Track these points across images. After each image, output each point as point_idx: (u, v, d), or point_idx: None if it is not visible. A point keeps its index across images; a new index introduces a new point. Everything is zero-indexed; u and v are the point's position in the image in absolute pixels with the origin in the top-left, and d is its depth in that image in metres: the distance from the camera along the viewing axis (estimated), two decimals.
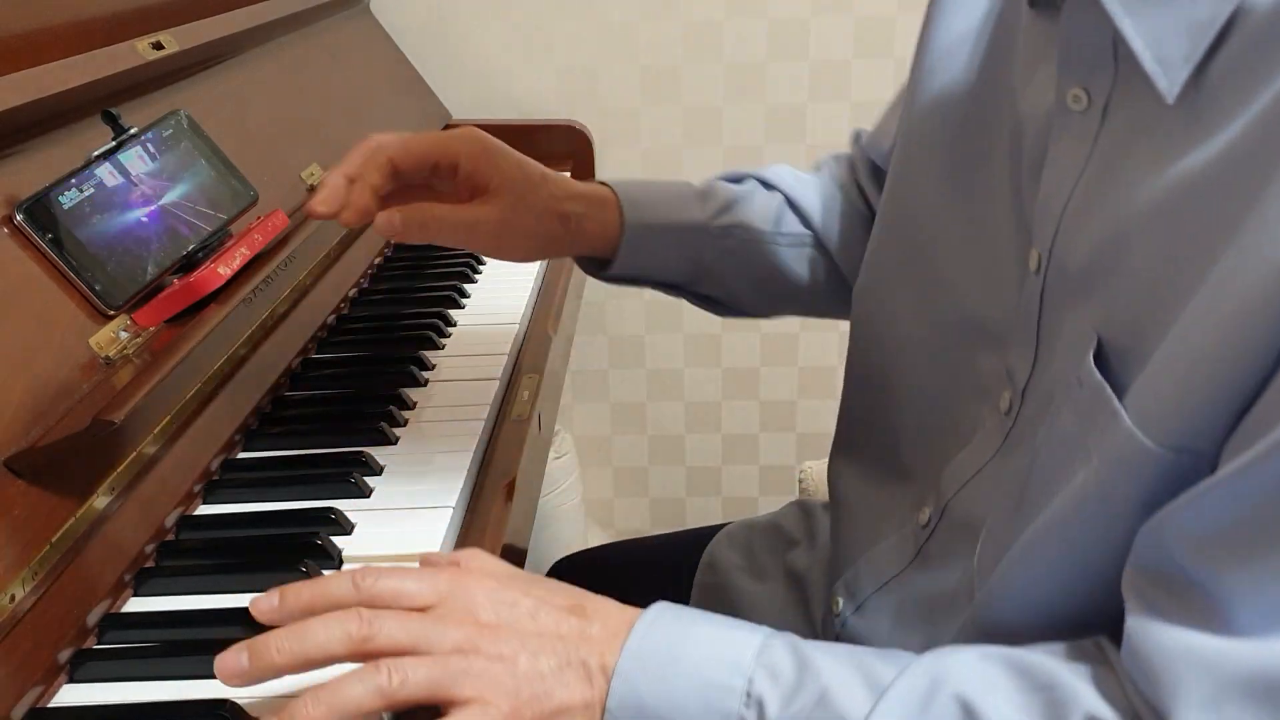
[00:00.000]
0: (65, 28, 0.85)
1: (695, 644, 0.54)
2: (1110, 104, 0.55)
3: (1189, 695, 0.45)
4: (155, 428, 0.72)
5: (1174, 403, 0.48)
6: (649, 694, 0.53)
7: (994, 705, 0.50)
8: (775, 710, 0.52)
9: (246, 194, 0.93)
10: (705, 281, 0.87)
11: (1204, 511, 0.46)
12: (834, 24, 1.61)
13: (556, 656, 0.53)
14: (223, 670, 0.52)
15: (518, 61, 1.64)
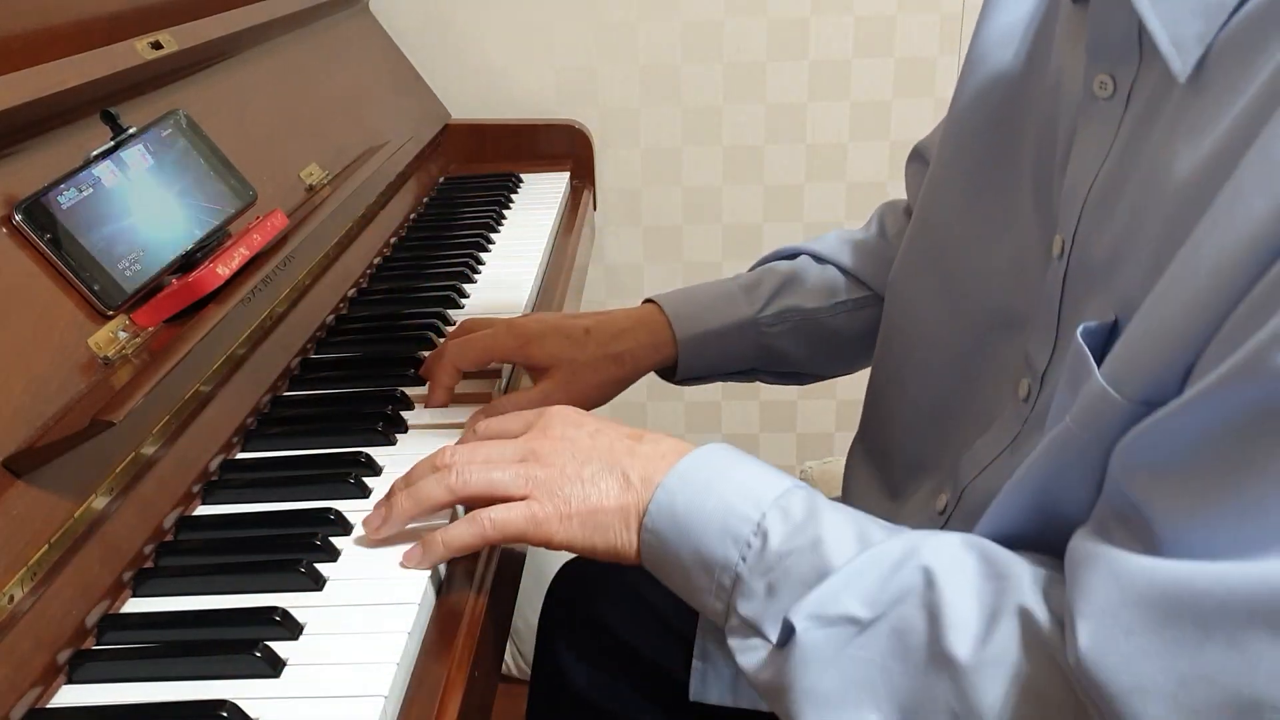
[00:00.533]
0: (65, 27, 0.85)
1: (733, 476, 0.63)
2: (1134, 90, 0.57)
3: (1093, 595, 0.49)
4: (154, 428, 0.72)
5: (1143, 360, 0.50)
6: (683, 507, 0.62)
7: (952, 581, 0.55)
8: (776, 543, 0.59)
9: (245, 194, 0.93)
10: (775, 362, 0.95)
11: (1143, 445, 0.49)
12: (834, 24, 1.61)
13: (601, 465, 0.65)
14: (369, 525, 0.68)
15: (518, 61, 1.64)
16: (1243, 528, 0.45)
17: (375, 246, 1.18)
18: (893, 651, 0.55)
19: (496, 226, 1.30)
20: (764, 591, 0.59)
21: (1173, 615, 0.46)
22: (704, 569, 0.61)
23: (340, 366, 0.94)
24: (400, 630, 0.61)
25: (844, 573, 0.57)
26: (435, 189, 1.45)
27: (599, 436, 0.66)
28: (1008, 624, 0.53)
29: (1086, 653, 0.48)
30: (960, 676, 0.53)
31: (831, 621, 0.56)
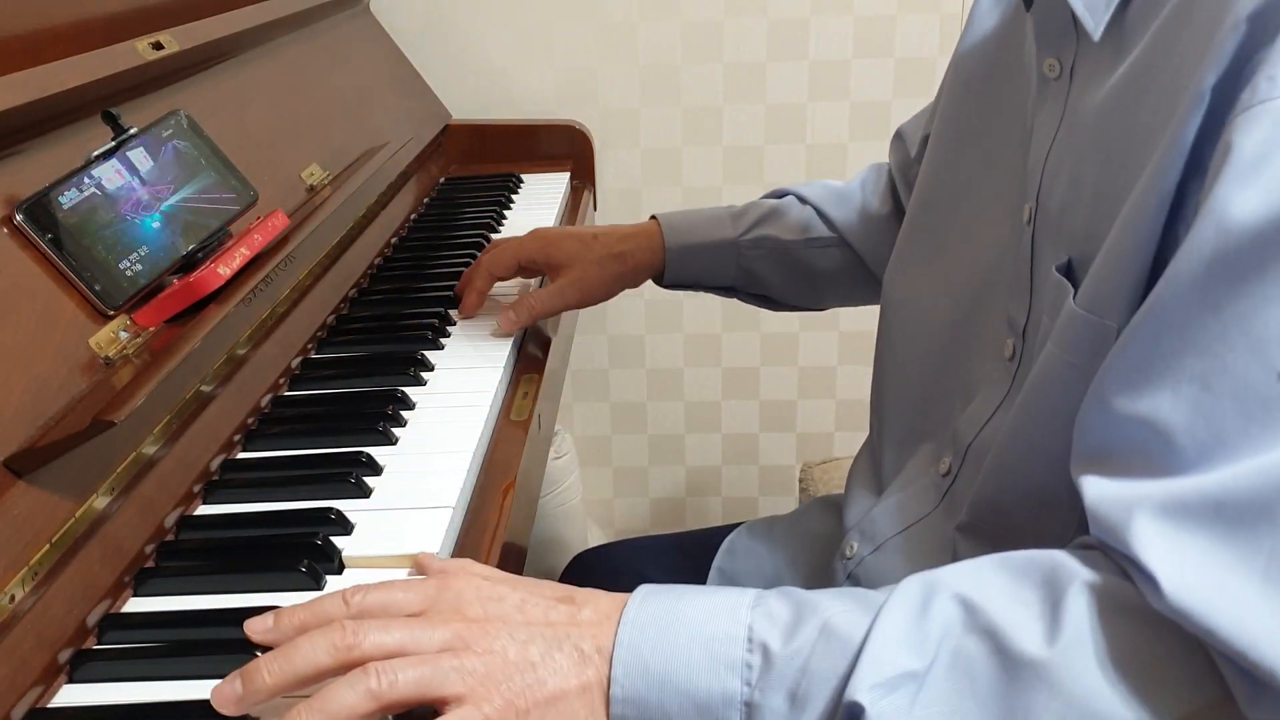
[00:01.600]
0: (65, 28, 0.85)
1: (691, 607, 0.55)
2: (1075, 68, 0.65)
3: (1149, 535, 0.49)
4: (155, 428, 0.72)
5: (1101, 276, 0.56)
6: (653, 658, 0.53)
7: (988, 597, 0.52)
8: (779, 648, 0.53)
9: (246, 194, 0.93)
10: (751, 284, 1.05)
11: (1123, 363, 0.52)
12: (834, 24, 1.61)
13: (546, 643, 0.54)
14: (219, 699, 0.52)
15: (518, 61, 1.64)
16: (1240, 411, 0.48)
17: (376, 246, 1.18)
18: (960, 691, 0.51)
19: (497, 227, 1.31)
20: (788, 705, 0.52)
21: (1234, 522, 0.48)
22: (701, 715, 0.53)
23: (341, 366, 0.94)
24: None
25: (877, 633, 0.52)
26: (436, 189, 1.45)
27: (528, 606, 0.56)
28: (1074, 604, 0.51)
29: (1172, 592, 0.48)
30: (1048, 674, 0.50)
31: (893, 685, 0.51)
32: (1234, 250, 0.47)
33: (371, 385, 0.89)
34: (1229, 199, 0.47)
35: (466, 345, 0.98)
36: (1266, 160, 0.47)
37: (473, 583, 0.57)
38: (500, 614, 0.55)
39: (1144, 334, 0.51)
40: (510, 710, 0.52)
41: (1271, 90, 0.48)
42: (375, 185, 1.22)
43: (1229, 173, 0.48)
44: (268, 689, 0.52)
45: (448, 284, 1.09)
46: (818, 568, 0.93)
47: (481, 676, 0.52)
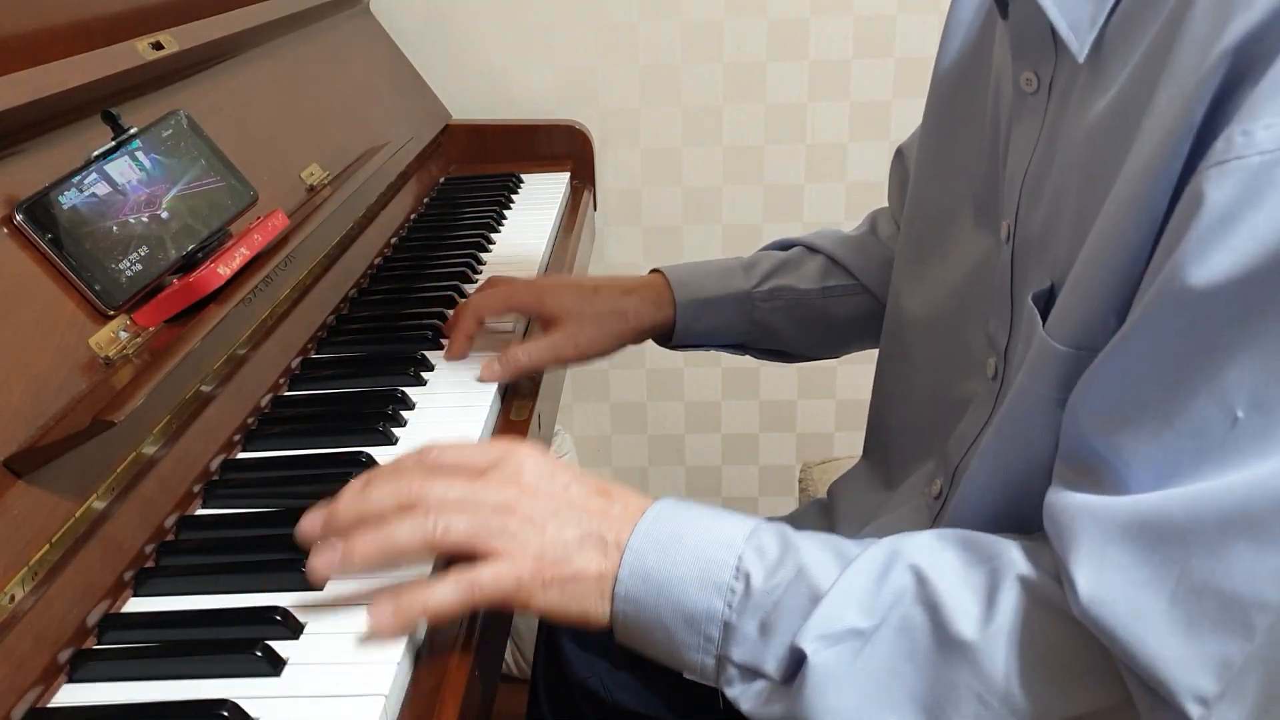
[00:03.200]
0: (65, 28, 0.85)
1: (697, 528, 0.61)
2: (1054, 83, 0.64)
3: (1080, 543, 0.53)
4: (155, 428, 0.72)
5: (1075, 307, 0.56)
6: (655, 567, 0.60)
7: (941, 572, 0.57)
8: (759, 582, 0.59)
9: (246, 194, 0.93)
10: (764, 339, 1.00)
11: (1093, 390, 0.54)
12: (834, 24, 1.61)
13: (580, 528, 0.61)
14: (302, 531, 0.62)
15: (518, 61, 1.64)
16: (1196, 448, 0.50)
17: (376, 246, 1.18)
18: (900, 654, 0.56)
19: (497, 227, 1.31)
20: (758, 632, 0.59)
21: (1155, 542, 0.51)
22: (688, 625, 0.60)
23: (341, 366, 0.94)
24: None
25: (836, 590, 0.57)
26: (436, 189, 1.45)
27: (572, 489, 0.63)
28: (1007, 596, 0.55)
29: (1086, 598, 0.52)
30: (973, 654, 0.55)
31: (838, 639, 0.57)
32: (1200, 301, 0.49)
33: (371, 385, 0.89)
34: (1197, 252, 0.49)
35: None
36: (1236, 217, 0.48)
37: (534, 455, 0.64)
38: (549, 489, 0.63)
39: (1115, 365, 0.53)
40: (537, 578, 0.60)
41: (1247, 146, 0.48)
42: (375, 185, 1.22)
43: (1198, 226, 0.49)
44: (345, 524, 0.61)
45: (448, 284, 1.10)
46: None
47: (521, 542, 0.60)
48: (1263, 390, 0.49)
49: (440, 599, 0.59)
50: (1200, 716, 0.50)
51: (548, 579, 0.60)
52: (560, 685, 0.99)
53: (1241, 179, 0.48)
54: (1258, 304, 0.49)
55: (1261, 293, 0.48)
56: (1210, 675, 0.50)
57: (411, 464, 0.64)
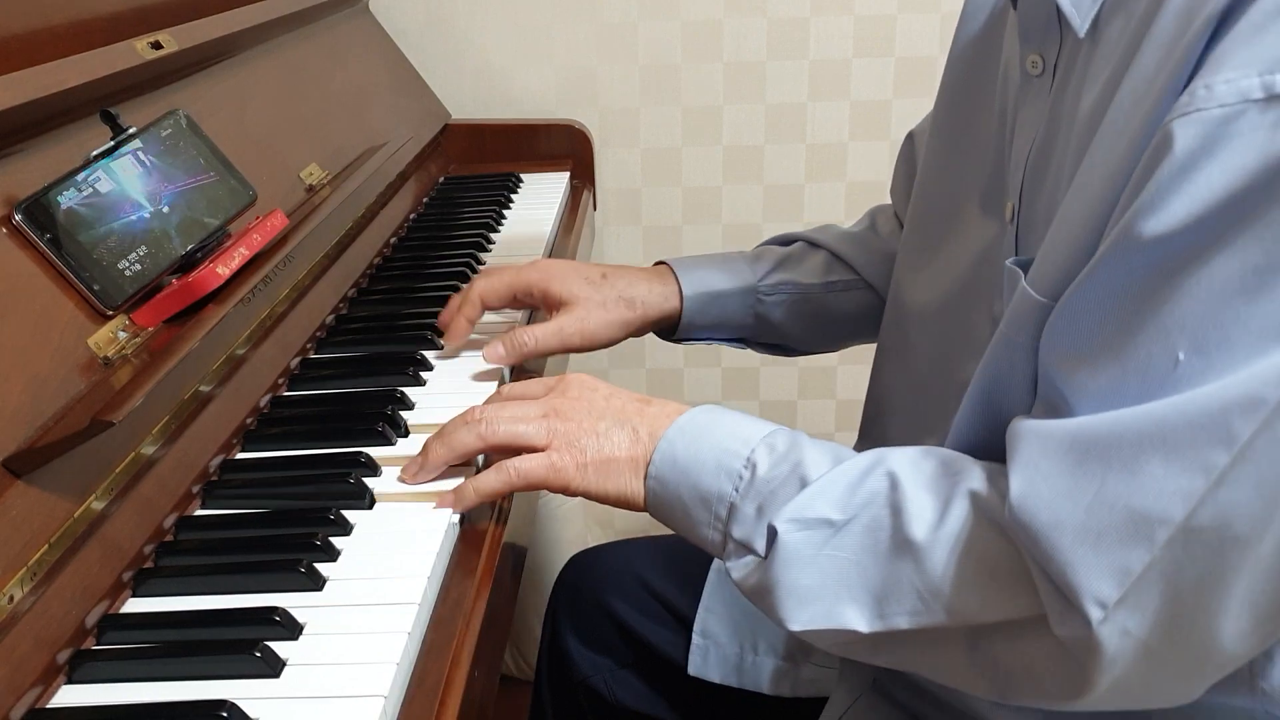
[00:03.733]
0: (65, 27, 0.85)
1: (725, 424, 0.70)
2: (1058, 64, 0.66)
3: (1019, 457, 0.57)
4: (154, 428, 0.72)
5: (1052, 261, 0.59)
6: (682, 452, 0.69)
7: (912, 480, 0.63)
8: (764, 471, 0.67)
9: (245, 194, 0.93)
10: (766, 333, 1.01)
11: (1056, 330, 0.58)
12: (834, 24, 1.61)
13: (614, 422, 0.72)
14: (407, 472, 0.75)
15: (518, 61, 1.64)
16: (1141, 385, 0.54)
17: (375, 246, 1.18)
18: (864, 548, 0.62)
19: (497, 226, 1.30)
20: (754, 514, 0.66)
21: (1081, 457, 0.55)
22: (703, 504, 0.68)
23: (340, 366, 0.94)
24: (400, 630, 0.61)
25: (819, 483, 0.64)
26: (435, 189, 1.45)
27: (613, 398, 0.73)
28: (959, 505, 0.61)
29: (1015, 501, 0.56)
30: (919, 556, 0.61)
31: (809, 524, 0.64)
32: (1153, 244, 0.52)
33: (371, 386, 0.89)
34: (1154, 200, 0.52)
35: (467, 345, 0.97)
36: (1191, 168, 0.51)
37: (582, 378, 0.75)
38: (591, 399, 0.73)
39: (1075, 306, 0.57)
40: (574, 463, 0.71)
41: (1208, 98, 0.51)
42: (374, 185, 1.22)
43: (1160, 174, 0.52)
44: (434, 454, 0.74)
45: (447, 284, 1.09)
46: None
47: (559, 434, 0.71)
48: (1203, 334, 0.52)
49: (487, 482, 0.71)
50: (1099, 619, 0.54)
51: (582, 462, 0.70)
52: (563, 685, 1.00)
53: (1201, 130, 0.51)
54: (1203, 250, 0.52)
55: (1208, 239, 0.51)
56: (1111, 582, 0.53)
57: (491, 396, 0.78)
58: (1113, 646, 0.54)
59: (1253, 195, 0.50)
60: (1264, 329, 0.51)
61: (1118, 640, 0.54)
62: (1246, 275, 0.51)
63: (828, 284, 0.99)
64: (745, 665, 0.92)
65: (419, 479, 0.74)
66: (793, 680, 0.90)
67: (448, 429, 0.74)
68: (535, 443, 0.71)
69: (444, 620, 0.64)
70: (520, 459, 0.71)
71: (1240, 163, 0.50)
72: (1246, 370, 0.51)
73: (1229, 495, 0.51)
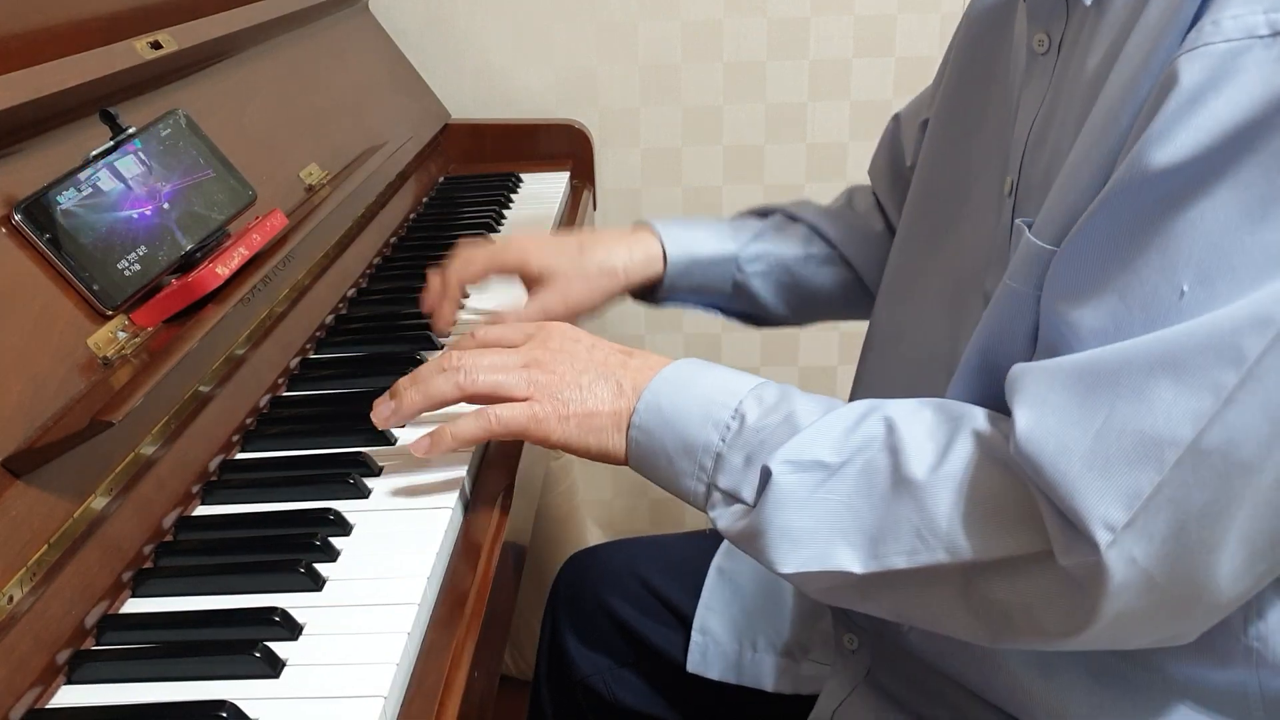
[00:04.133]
0: (64, 27, 0.85)
1: (710, 376, 0.70)
2: (1064, 41, 0.67)
3: (1025, 392, 0.57)
4: (153, 428, 0.72)
5: (1058, 207, 0.60)
6: (667, 404, 0.69)
7: (910, 424, 0.63)
8: (753, 421, 0.66)
9: (245, 194, 0.93)
10: (741, 301, 1.02)
11: (1060, 271, 0.58)
12: (834, 23, 1.61)
13: (597, 374, 0.71)
14: (377, 415, 0.74)
15: (518, 61, 1.64)
16: (1145, 319, 0.54)
17: (375, 246, 1.18)
18: (859, 491, 0.62)
19: (496, 226, 1.30)
20: (742, 463, 0.66)
21: (1090, 386, 0.55)
22: (687, 454, 0.67)
23: (340, 366, 0.94)
24: (400, 630, 0.61)
25: (814, 427, 0.64)
26: (435, 189, 1.45)
27: (595, 350, 0.72)
28: (961, 445, 0.61)
29: (1022, 434, 0.56)
30: (919, 493, 0.60)
31: (804, 467, 0.63)
32: (1159, 177, 0.53)
33: (370, 386, 0.89)
34: (1160, 133, 0.53)
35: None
36: (1197, 102, 0.52)
37: (562, 328, 0.74)
38: (573, 350, 0.72)
39: (1078, 247, 0.57)
40: (555, 415, 0.69)
41: (1214, 33, 0.52)
42: (374, 185, 1.22)
43: (1166, 108, 0.53)
44: (407, 400, 0.72)
45: None
46: None
47: (541, 385, 0.70)
48: (1208, 264, 0.53)
49: (464, 428, 0.70)
50: (1107, 542, 0.53)
51: (564, 414, 0.69)
52: (563, 684, 1.00)
53: (1208, 64, 0.52)
54: (1208, 182, 0.52)
55: (1212, 171, 0.52)
56: (1120, 505, 0.53)
57: (464, 339, 0.75)
58: (1120, 573, 0.54)
59: (1257, 127, 0.51)
60: (1268, 256, 0.52)
61: (1124, 568, 0.54)
62: (1251, 205, 0.52)
63: (806, 257, 1.00)
64: (744, 662, 0.92)
65: (389, 423, 0.74)
66: (793, 677, 0.91)
67: (423, 374, 0.72)
68: (516, 393, 0.70)
69: (444, 620, 0.64)
70: (502, 407, 0.70)
71: (1245, 96, 0.51)
72: (1254, 294, 0.52)
73: (1237, 417, 0.52)
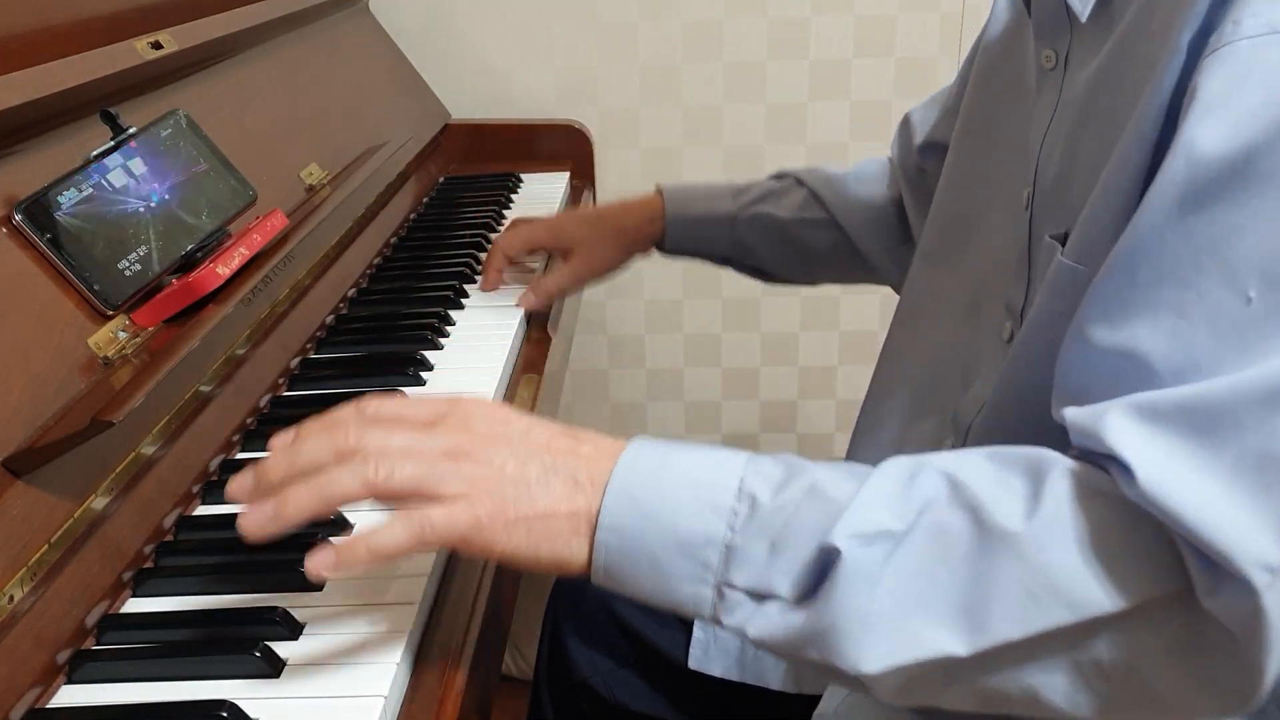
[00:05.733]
0: (65, 27, 0.85)
1: (685, 455, 0.58)
2: (1070, 57, 0.67)
3: (1126, 435, 0.51)
4: (154, 428, 0.72)
5: (1091, 225, 0.58)
6: (643, 494, 0.55)
7: (974, 477, 0.54)
8: (767, 500, 0.55)
9: (245, 194, 0.93)
10: (746, 256, 1.11)
11: (1102, 297, 0.54)
12: (834, 24, 1.61)
13: (544, 466, 0.56)
14: (232, 491, 0.57)
15: (518, 61, 1.64)
16: (1212, 334, 0.51)
17: (375, 246, 1.18)
18: (935, 557, 0.53)
19: (496, 226, 1.30)
20: (766, 552, 0.54)
21: (1205, 424, 0.50)
22: (682, 552, 0.55)
23: (340, 366, 0.94)
24: (400, 630, 0.61)
25: (863, 496, 0.54)
26: (435, 189, 1.45)
27: (533, 433, 0.58)
28: (1055, 486, 0.53)
29: (1146, 481, 0.50)
30: (1022, 546, 0.52)
31: (871, 539, 0.53)
32: (1202, 181, 0.50)
33: (371, 385, 0.89)
34: (1195, 134, 0.51)
35: (466, 345, 0.97)
36: (1230, 96, 0.50)
37: (483, 405, 0.59)
38: (505, 434, 0.57)
39: (1121, 267, 0.54)
40: (500, 518, 0.54)
41: (1236, 32, 0.51)
42: (374, 185, 1.22)
43: (1195, 110, 0.51)
44: (274, 482, 0.55)
45: (447, 284, 1.09)
46: None
47: (477, 481, 0.55)
48: (1272, 265, 0.50)
49: (387, 539, 0.54)
50: (1265, 584, 0.47)
51: (511, 518, 0.54)
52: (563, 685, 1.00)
53: (1233, 62, 0.51)
54: (1257, 181, 0.50)
55: (1256, 169, 0.50)
56: (1276, 540, 0.48)
57: (348, 413, 0.57)
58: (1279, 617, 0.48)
59: None
60: None
61: None
62: None
63: (799, 220, 1.08)
64: (746, 659, 0.91)
65: (260, 535, 0.54)
66: (796, 674, 0.90)
67: (311, 456, 0.55)
68: (444, 490, 0.54)
69: (444, 620, 0.64)
70: (435, 511, 0.54)
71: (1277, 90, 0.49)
72: None
73: None
